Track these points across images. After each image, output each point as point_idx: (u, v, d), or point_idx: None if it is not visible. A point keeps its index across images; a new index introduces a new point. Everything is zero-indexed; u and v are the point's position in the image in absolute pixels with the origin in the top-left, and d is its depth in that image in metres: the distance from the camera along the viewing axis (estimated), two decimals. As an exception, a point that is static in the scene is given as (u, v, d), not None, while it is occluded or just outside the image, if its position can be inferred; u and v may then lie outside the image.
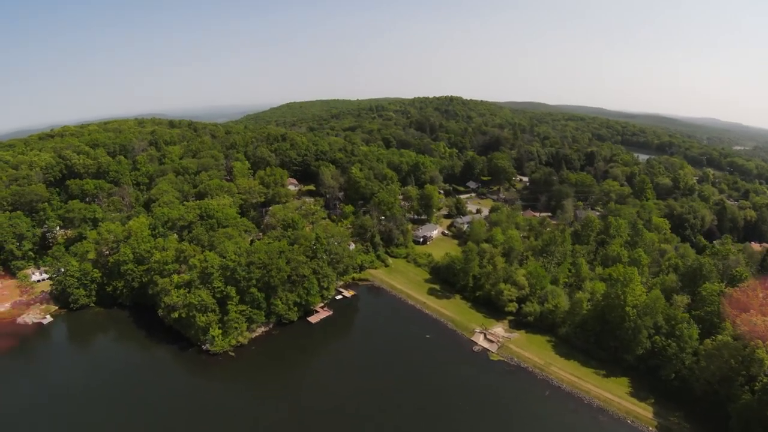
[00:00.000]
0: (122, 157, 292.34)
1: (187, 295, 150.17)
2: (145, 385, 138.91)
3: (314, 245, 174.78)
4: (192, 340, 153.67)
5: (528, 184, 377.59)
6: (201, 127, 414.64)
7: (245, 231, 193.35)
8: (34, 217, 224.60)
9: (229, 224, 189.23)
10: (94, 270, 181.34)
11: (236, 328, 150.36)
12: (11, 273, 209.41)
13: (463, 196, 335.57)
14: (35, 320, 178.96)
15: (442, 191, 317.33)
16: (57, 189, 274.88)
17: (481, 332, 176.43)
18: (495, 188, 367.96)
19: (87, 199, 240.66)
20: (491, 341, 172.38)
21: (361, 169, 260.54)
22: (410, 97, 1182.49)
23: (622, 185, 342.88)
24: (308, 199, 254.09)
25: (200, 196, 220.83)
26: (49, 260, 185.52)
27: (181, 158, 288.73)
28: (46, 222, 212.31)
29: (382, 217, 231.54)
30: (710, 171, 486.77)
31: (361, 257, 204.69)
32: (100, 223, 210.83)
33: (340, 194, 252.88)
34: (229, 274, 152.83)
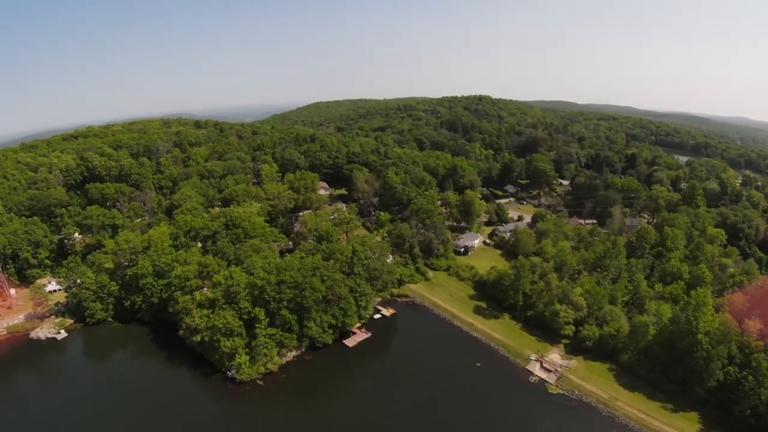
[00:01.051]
0: (145, 159, 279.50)
1: (211, 316, 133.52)
2: (165, 413, 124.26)
3: (351, 260, 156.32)
4: (216, 366, 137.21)
5: (570, 188, 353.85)
6: (227, 127, 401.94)
7: (274, 241, 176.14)
8: (51, 222, 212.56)
9: (256, 234, 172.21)
10: (112, 282, 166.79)
11: (265, 354, 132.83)
12: (27, 281, 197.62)
13: (501, 201, 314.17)
14: (49, 335, 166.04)
15: (480, 197, 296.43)
16: (77, 192, 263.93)
17: (537, 360, 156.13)
18: (535, 192, 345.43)
19: (107, 204, 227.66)
20: (549, 371, 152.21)
21: (396, 173, 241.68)
22: (437, 96, 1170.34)
23: (668, 191, 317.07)
24: (341, 206, 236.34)
25: (226, 202, 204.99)
26: (64, 271, 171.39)
27: (206, 160, 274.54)
28: (63, 229, 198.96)
29: (420, 225, 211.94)
30: (750, 174, 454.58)
31: (399, 270, 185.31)
32: (119, 230, 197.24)
33: (375, 200, 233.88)
34: (257, 293, 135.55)
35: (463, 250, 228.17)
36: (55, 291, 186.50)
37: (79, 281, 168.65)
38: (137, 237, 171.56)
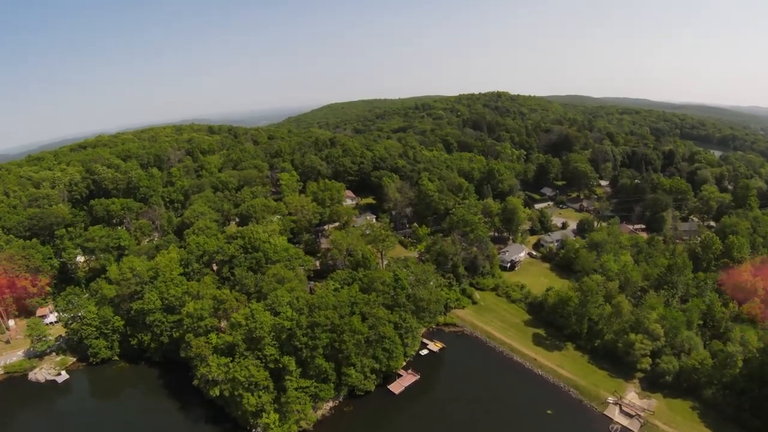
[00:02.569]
0: (155, 170, 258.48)
1: (231, 365, 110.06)
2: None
3: (394, 289, 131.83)
4: (240, 422, 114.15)
5: (610, 189, 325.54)
6: (242, 132, 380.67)
7: (300, 265, 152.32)
8: (54, 243, 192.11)
9: (279, 258, 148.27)
10: (116, 317, 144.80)
11: (298, 411, 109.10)
12: (27, 311, 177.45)
13: (540, 206, 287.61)
14: (49, 377, 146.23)
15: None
16: (84, 208, 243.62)
17: (615, 403, 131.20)
18: (574, 195, 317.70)
19: (114, 221, 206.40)
20: (629, 415, 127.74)
21: (430, 179, 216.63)
22: (453, 94, 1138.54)
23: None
24: (372, 220, 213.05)
25: (243, 219, 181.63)
26: (62, 303, 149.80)
27: (220, 170, 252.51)
28: (63, 253, 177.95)
29: (461, 238, 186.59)
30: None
31: (444, 294, 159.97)
32: (126, 252, 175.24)
33: (408, 210, 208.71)
34: (285, 337, 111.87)
35: (509, 265, 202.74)
36: (56, 323, 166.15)
37: (80, 314, 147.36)
38: (143, 263, 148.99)
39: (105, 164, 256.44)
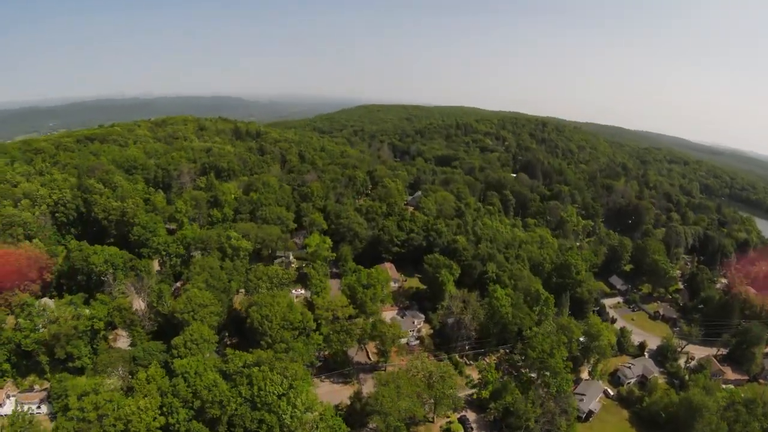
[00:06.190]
0: (159, 197, 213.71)
1: None
2: None
3: None
4: None
5: (684, 286, 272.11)
6: (270, 145, 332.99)
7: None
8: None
9: (303, 428, 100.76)
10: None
11: None
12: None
13: (607, 302, 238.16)
14: None
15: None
16: (70, 232, 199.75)
17: None
18: (646, 291, 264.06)
19: (93, 277, 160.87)
20: None
21: (500, 281, 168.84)
22: (490, 108, 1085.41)
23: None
24: (420, 323, 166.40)
25: (251, 335, 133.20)
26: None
27: (235, 211, 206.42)
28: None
29: (540, 386, 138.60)
30: None
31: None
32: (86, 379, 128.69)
33: (467, 319, 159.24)
34: None
35: (584, 415, 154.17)
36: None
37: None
38: (106, 405, 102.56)
39: (103, 178, 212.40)
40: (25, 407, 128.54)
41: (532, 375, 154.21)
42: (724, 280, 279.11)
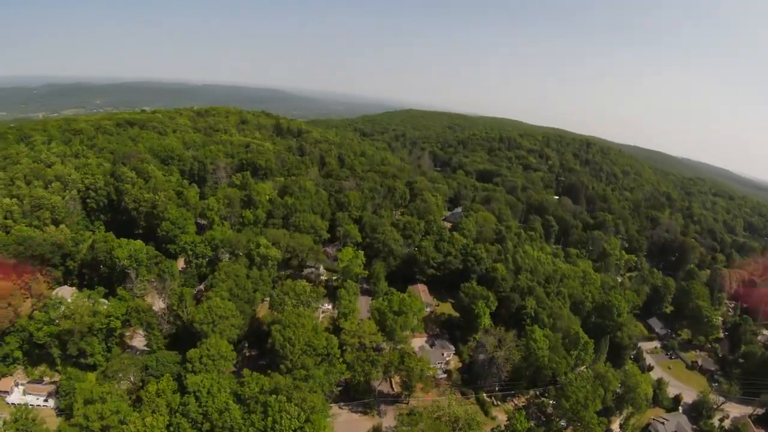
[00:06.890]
0: (192, 192, 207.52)
1: None
2: None
3: None
4: None
5: (725, 335, 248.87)
6: (310, 144, 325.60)
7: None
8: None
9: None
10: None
11: None
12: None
13: (644, 347, 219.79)
14: None
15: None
16: (99, 218, 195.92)
17: None
18: (685, 337, 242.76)
19: (116, 269, 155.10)
20: None
21: (539, 321, 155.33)
22: (529, 122, 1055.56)
23: None
24: (450, 355, 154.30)
25: (272, 357, 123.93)
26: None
27: (268, 214, 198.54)
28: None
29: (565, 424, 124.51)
30: None
31: None
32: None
33: (500, 359, 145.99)
34: None
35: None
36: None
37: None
38: (114, 419, 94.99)
39: (137, 167, 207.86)
40: (33, 399, 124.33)
41: (562, 423, 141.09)
42: (766, 332, 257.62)
